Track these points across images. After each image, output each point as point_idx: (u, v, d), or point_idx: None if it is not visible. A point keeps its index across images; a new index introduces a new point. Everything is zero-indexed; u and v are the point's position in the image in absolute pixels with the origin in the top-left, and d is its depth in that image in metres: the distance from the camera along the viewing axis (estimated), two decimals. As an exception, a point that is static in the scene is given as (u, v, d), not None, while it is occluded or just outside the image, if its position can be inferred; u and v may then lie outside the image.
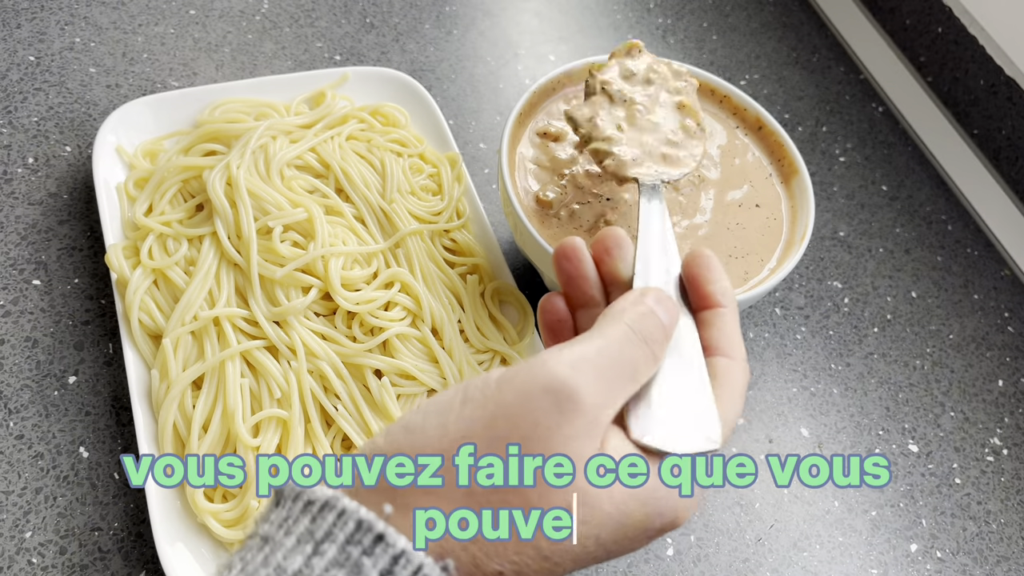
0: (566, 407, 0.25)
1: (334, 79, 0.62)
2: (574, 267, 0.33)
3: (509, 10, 0.78)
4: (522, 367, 0.26)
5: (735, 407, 0.30)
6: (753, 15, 0.85)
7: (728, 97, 0.59)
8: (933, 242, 0.70)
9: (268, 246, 0.50)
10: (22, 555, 0.44)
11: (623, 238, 0.33)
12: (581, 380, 0.26)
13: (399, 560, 0.23)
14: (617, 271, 0.33)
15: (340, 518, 0.24)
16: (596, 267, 0.33)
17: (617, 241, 0.33)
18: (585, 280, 0.33)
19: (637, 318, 0.29)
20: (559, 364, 0.26)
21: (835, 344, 0.62)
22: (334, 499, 0.24)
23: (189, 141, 0.56)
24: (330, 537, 0.23)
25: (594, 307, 0.33)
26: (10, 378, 0.49)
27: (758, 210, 0.55)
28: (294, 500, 0.25)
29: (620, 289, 0.33)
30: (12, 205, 0.56)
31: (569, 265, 0.33)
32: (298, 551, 0.23)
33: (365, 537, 0.23)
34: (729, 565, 0.50)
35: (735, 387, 0.30)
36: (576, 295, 0.33)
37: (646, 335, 0.28)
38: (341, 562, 0.23)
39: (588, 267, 0.33)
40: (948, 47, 0.76)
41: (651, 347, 0.29)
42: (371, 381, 0.48)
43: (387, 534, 0.23)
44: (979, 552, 0.54)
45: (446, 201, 0.58)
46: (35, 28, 0.66)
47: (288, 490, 0.25)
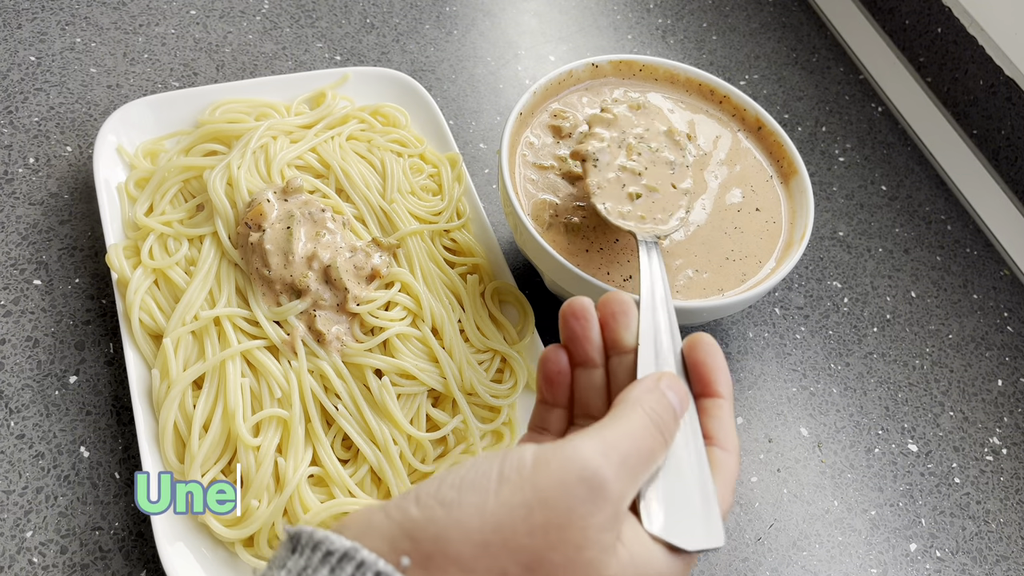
0: (597, 495, 0.26)
1: (334, 79, 0.62)
2: (580, 328, 0.33)
3: (509, 10, 0.78)
4: (557, 451, 0.27)
5: (728, 499, 0.30)
6: (753, 15, 0.85)
7: (728, 97, 0.59)
8: (932, 242, 0.70)
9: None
10: (23, 554, 0.44)
11: (628, 304, 0.33)
12: (610, 470, 0.26)
13: None
14: (621, 338, 0.33)
15: (359, 569, 0.24)
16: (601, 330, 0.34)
17: (623, 308, 0.33)
18: (589, 342, 0.33)
19: (654, 406, 0.29)
20: (592, 453, 0.26)
21: (834, 344, 0.62)
22: (353, 550, 0.24)
23: (190, 141, 0.56)
24: None
25: (592, 368, 0.34)
26: (11, 378, 0.49)
27: (757, 214, 0.55)
28: (312, 549, 0.25)
29: (620, 354, 0.33)
30: (13, 205, 0.56)
31: (576, 325, 0.33)
32: None
33: None
34: (729, 565, 0.50)
35: (728, 479, 0.31)
36: (578, 353, 0.34)
37: (661, 423, 0.29)
38: None
39: (594, 330, 0.33)
40: (947, 47, 0.76)
41: (664, 434, 0.29)
42: (371, 381, 0.48)
43: None
44: (978, 551, 0.54)
45: (446, 201, 0.58)
46: (36, 28, 0.66)
47: (306, 538, 0.25)
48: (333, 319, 0.50)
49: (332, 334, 0.49)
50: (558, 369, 0.34)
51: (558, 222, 0.52)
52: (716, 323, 0.61)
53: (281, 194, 0.52)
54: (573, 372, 0.34)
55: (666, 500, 0.29)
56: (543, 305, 0.56)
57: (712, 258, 0.52)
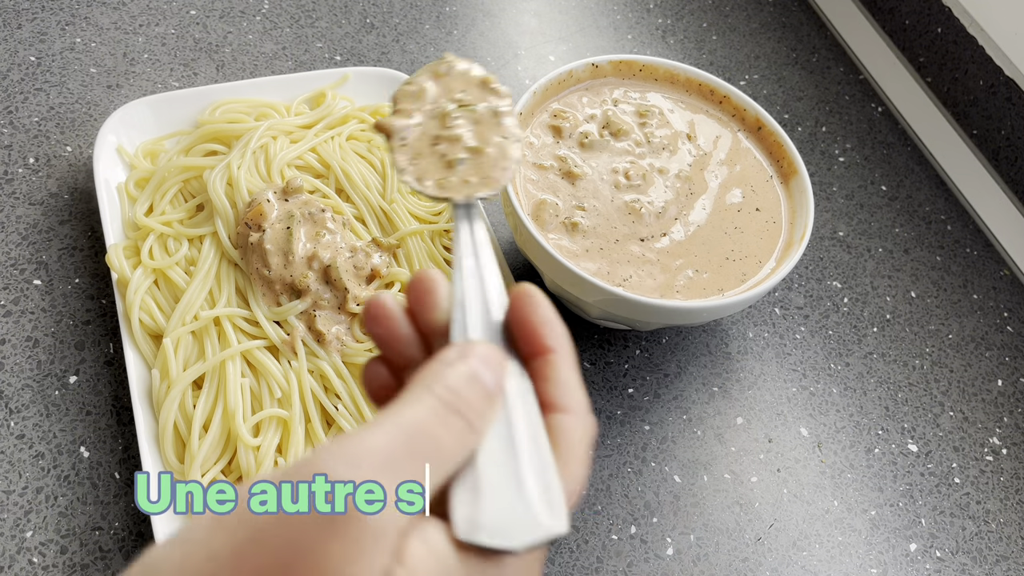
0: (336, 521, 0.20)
1: (334, 79, 0.62)
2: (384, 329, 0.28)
3: (509, 10, 0.78)
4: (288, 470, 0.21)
5: (578, 470, 0.25)
6: (753, 15, 0.85)
7: (728, 97, 0.59)
8: (932, 242, 0.70)
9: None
10: (23, 554, 0.44)
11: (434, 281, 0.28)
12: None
13: None
14: (432, 321, 0.28)
15: None
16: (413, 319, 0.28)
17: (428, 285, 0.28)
18: (399, 341, 0.28)
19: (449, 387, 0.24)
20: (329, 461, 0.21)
21: (834, 344, 0.62)
22: None
23: (190, 141, 0.56)
24: None
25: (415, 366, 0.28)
26: (11, 378, 0.49)
27: (757, 214, 0.55)
28: None
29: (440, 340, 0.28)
30: (13, 205, 0.56)
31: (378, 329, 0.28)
32: None
33: None
34: (729, 564, 0.50)
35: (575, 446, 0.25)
36: (394, 357, 0.29)
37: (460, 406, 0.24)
38: None
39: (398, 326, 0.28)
40: (947, 47, 0.76)
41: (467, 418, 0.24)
42: (371, 381, 0.48)
43: None
44: (978, 551, 0.54)
45: (446, 201, 0.58)
46: (36, 28, 0.66)
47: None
48: (333, 319, 0.50)
49: (332, 334, 0.49)
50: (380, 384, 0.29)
51: (558, 222, 0.52)
52: (716, 323, 0.61)
53: (281, 194, 0.52)
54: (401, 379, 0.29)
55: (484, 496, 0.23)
56: (543, 305, 0.56)
57: (712, 258, 0.52)
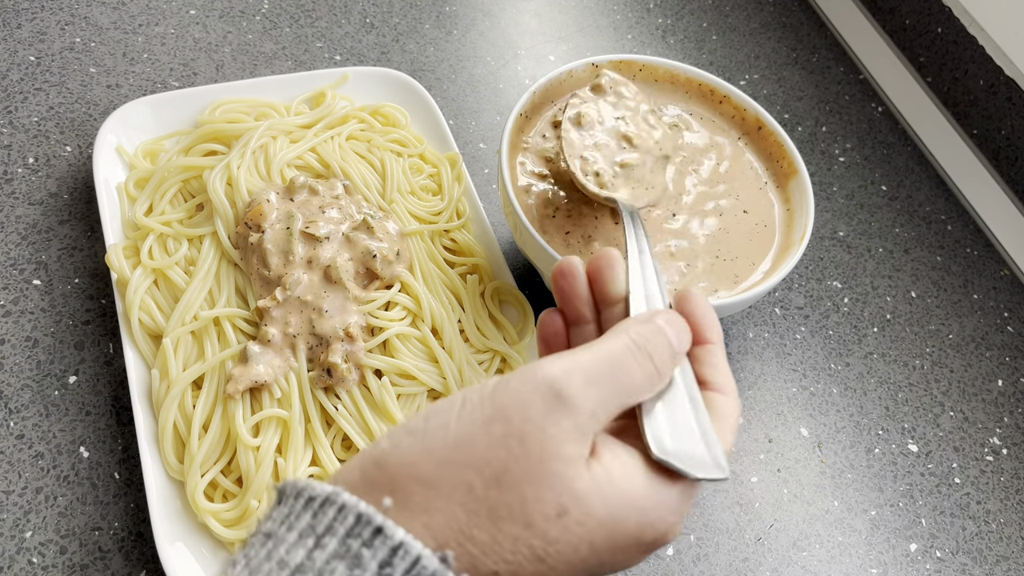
0: (555, 407, 0.26)
1: (334, 79, 0.62)
2: (569, 285, 0.34)
3: (509, 10, 0.78)
4: (517, 372, 0.27)
5: (729, 440, 0.31)
6: (753, 15, 0.85)
7: (728, 97, 0.59)
8: (932, 242, 0.70)
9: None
10: (22, 555, 0.44)
11: (614, 258, 0.34)
12: (570, 383, 0.27)
13: (398, 551, 0.23)
14: (610, 291, 0.34)
15: (340, 512, 0.24)
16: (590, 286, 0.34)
17: (609, 261, 0.34)
18: (579, 298, 0.34)
19: (642, 333, 0.30)
20: (552, 368, 0.27)
21: (834, 344, 0.62)
22: (334, 494, 0.24)
23: (189, 141, 0.56)
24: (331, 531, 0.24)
25: (584, 324, 0.35)
26: (10, 378, 0.49)
27: (745, 216, 0.55)
28: (295, 497, 0.25)
29: (610, 308, 0.34)
30: (12, 205, 0.56)
31: (564, 283, 0.34)
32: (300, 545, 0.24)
33: (365, 530, 0.24)
34: (729, 564, 0.50)
35: (728, 421, 0.31)
36: (570, 311, 0.35)
37: (650, 350, 0.30)
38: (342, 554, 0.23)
39: (582, 286, 0.34)
40: (948, 47, 0.76)
41: (655, 362, 0.29)
42: (371, 381, 0.48)
43: (386, 526, 0.24)
44: (978, 552, 0.54)
45: (446, 201, 0.58)
46: (35, 28, 0.66)
47: (289, 488, 0.26)
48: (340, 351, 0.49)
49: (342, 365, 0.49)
50: (554, 331, 0.35)
51: (558, 222, 0.52)
52: (716, 323, 0.61)
53: (284, 194, 0.52)
54: (568, 332, 0.35)
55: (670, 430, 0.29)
56: (543, 305, 0.56)
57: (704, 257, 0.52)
